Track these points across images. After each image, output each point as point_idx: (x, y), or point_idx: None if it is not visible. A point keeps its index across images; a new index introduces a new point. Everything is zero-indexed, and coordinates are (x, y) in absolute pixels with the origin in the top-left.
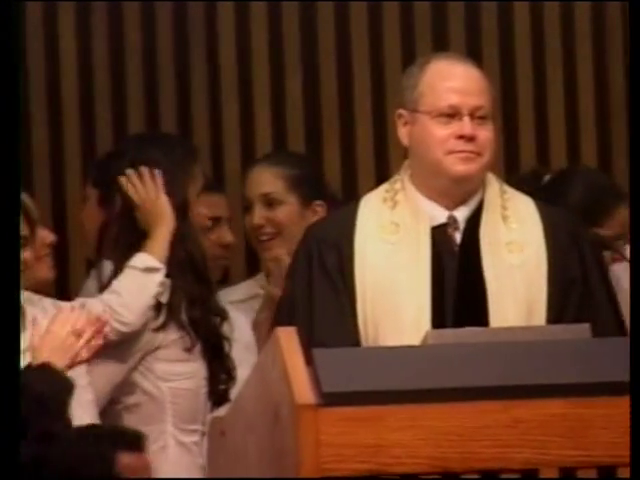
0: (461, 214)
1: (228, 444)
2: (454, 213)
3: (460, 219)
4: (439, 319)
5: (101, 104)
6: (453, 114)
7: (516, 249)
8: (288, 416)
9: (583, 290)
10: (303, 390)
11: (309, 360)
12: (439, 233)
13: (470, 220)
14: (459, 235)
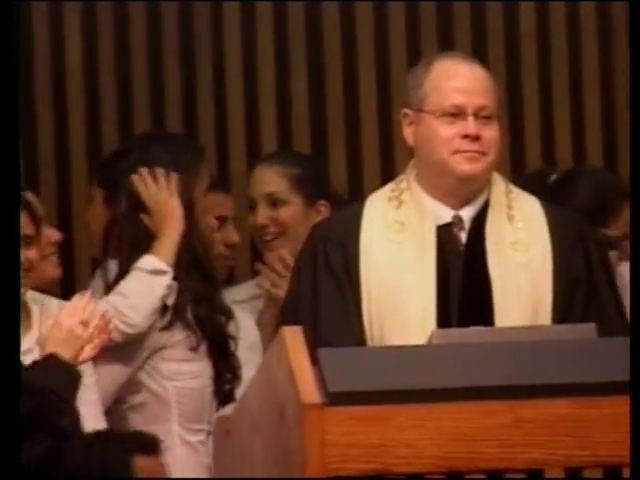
0: (467, 213)
1: (234, 443)
2: (460, 212)
3: (466, 218)
4: (444, 318)
5: (107, 104)
6: (458, 114)
7: (521, 248)
8: (293, 415)
9: (588, 290)
10: (308, 390)
11: (314, 360)
12: (444, 232)
13: (476, 219)
14: (464, 234)
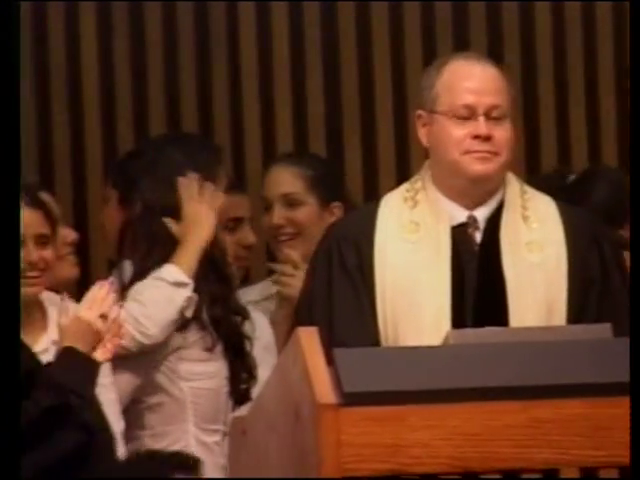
0: (481, 214)
1: (249, 444)
2: (474, 213)
3: (480, 219)
4: (459, 319)
5: (122, 104)
6: (469, 114)
7: (536, 249)
8: (309, 416)
9: (603, 290)
10: (324, 390)
11: (330, 360)
12: (459, 233)
13: (490, 220)
14: (479, 235)
